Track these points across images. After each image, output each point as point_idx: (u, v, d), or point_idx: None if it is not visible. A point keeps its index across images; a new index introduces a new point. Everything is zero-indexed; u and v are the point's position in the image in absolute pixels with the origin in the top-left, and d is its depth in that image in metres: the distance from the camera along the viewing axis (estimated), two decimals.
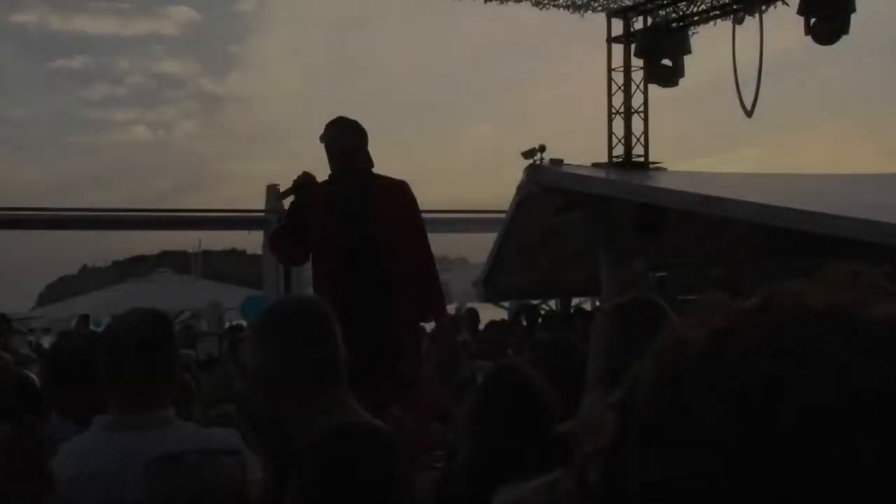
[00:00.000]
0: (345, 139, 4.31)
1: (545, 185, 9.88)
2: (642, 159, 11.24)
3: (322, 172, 4.41)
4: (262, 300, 14.19)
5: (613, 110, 11.25)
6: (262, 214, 14.71)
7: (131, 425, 2.28)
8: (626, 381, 0.62)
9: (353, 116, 4.48)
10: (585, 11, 11.44)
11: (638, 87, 11.21)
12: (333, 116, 4.42)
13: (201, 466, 2.13)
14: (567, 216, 10.23)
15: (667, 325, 0.62)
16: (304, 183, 4.29)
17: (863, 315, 0.55)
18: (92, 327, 14.04)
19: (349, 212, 4.31)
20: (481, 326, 10.27)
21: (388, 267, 4.25)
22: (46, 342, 17.18)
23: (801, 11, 9.56)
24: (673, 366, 0.57)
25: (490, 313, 13.27)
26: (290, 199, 4.41)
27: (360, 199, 4.32)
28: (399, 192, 4.43)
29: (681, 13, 11.10)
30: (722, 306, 0.61)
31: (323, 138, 4.34)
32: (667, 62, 10.84)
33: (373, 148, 4.45)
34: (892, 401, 0.51)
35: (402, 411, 2.63)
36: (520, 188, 10.18)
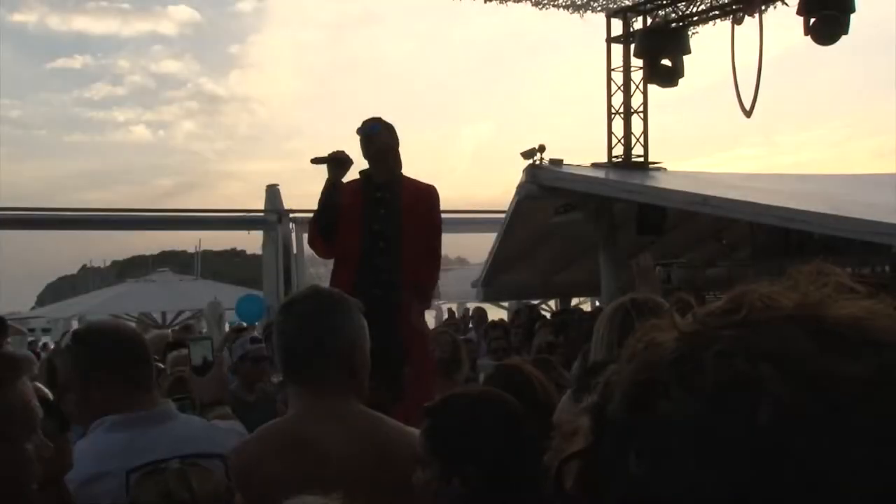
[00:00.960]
0: (380, 135, 4.42)
1: (545, 185, 9.88)
2: (642, 159, 11.24)
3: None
4: (258, 299, 14.19)
5: (613, 110, 11.25)
6: (262, 214, 14.71)
7: (136, 423, 2.29)
8: (599, 385, 0.62)
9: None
10: (585, 11, 11.45)
11: (637, 87, 11.22)
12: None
13: (188, 469, 2.12)
14: (567, 216, 10.23)
15: (635, 329, 0.62)
16: (340, 159, 4.34)
17: (829, 314, 0.56)
18: None
19: (378, 201, 4.39)
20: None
21: (403, 266, 4.31)
22: (46, 342, 17.21)
23: (800, 11, 9.56)
24: (647, 368, 0.58)
25: (490, 313, 13.28)
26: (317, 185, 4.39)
27: (388, 192, 4.40)
28: (427, 194, 4.52)
29: (680, 13, 11.09)
30: (691, 308, 0.61)
31: (360, 132, 4.44)
32: (666, 62, 10.84)
33: None
34: (860, 399, 0.52)
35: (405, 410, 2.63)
36: (520, 188, 10.18)
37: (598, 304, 12.46)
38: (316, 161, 4.38)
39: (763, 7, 10.15)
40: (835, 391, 0.52)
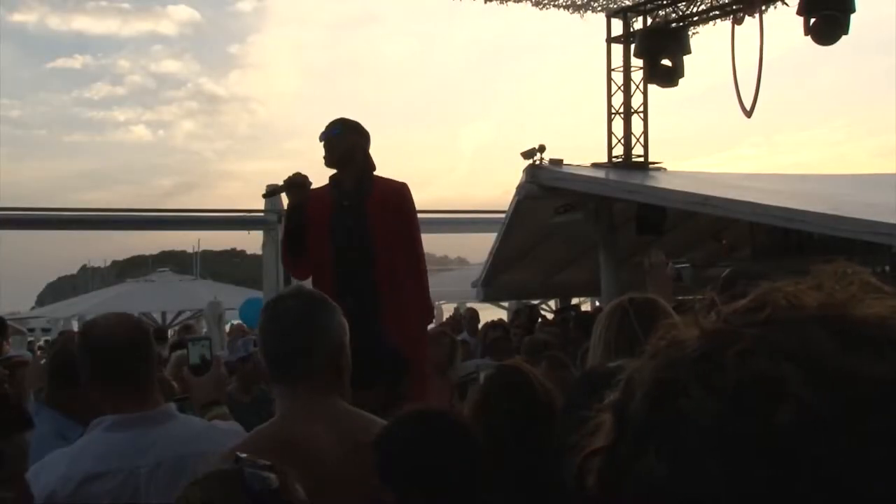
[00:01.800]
0: (342, 138, 4.34)
1: (545, 185, 9.88)
2: (642, 159, 11.24)
3: (321, 173, 4.42)
4: (261, 302, 14.19)
5: (613, 110, 11.25)
6: (262, 214, 14.70)
7: (136, 423, 2.29)
8: (622, 382, 0.62)
9: (353, 116, 4.53)
10: (585, 11, 11.45)
11: (638, 87, 11.21)
12: (333, 116, 4.45)
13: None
14: (567, 216, 10.23)
15: (660, 326, 0.62)
16: (297, 183, 4.26)
17: (854, 314, 0.56)
18: None
19: (346, 209, 4.30)
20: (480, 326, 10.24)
21: (380, 267, 4.24)
22: (46, 342, 17.20)
23: (800, 11, 9.55)
24: (668, 366, 0.58)
25: (490, 313, 13.28)
26: (279, 202, 4.35)
27: (357, 197, 4.31)
28: (397, 193, 4.39)
29: (681, 13, 11.09)
30: (714, 306, 0.61)
31: (321, 137, 4.37)
32: (666, 62, 10.84)
33: (372, 148, 4.48)
34: (883, 400, 0.52)
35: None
36: (520, 188, 10.18)
37: (598, 304, 12.45)
38: (269, 193, 4.21)
39: (763, 7, 10.14)
40: (857, 391, 0.52)
